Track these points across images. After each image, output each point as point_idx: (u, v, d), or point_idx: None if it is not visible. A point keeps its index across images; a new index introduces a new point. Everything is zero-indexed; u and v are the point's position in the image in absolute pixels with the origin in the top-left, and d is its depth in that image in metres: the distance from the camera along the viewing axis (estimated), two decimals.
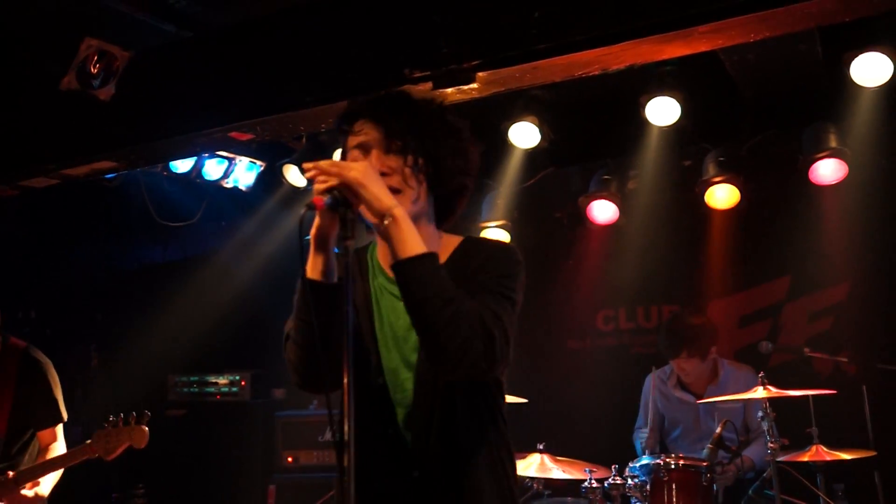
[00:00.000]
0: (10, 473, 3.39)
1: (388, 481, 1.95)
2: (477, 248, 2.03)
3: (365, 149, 1.94)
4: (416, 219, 1.92)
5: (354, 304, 2.02)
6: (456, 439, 1.93)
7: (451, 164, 1.97)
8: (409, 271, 1.79)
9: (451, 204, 2.07)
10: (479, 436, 1.96)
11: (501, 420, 2.04)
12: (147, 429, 3.52)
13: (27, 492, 3.43)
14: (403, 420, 1.96)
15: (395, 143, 1.92)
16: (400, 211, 1.79)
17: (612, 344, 5.75)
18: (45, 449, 3.64)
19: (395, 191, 1.88)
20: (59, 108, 3.72)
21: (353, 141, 1.97)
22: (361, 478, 1.98)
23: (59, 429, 3.70)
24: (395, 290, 1.93)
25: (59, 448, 3.62)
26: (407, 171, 1.92)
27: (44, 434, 3.66)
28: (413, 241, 1.79)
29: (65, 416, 3.70)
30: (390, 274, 1.95)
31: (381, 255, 2.07)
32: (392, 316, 2.01)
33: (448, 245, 2.05)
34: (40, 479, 3.48)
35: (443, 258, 1.98)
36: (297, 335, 1.90)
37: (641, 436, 4.78)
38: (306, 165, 1.79)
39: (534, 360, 5.48)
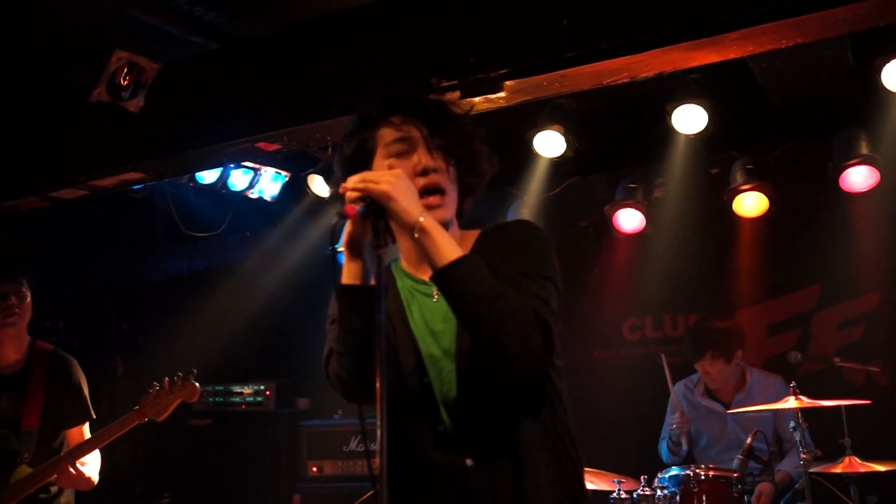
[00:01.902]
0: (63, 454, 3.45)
1: (441, 474, 1.92)
2: (498, 235, 2.02)
3: (409, 144, 1.93)
4: (452, 220, 1.98)
5: (388, 313, 2.02)
6: (506, 426, 1.89)
7: (481, 166, 2.01)
8: (450, 277, 1.78)
9: (463, 204, 2.08)
10: (534, 422, 1.91)
11: (560, 405, 1.97)
12: (198, 384, 3.55)
13: (82, 469, 3.46)
14: (451, 413, 1.93)
15: (437, 143, 1.94)
16: (429, 221, 1.78)
17: (639, 353, 5.68)
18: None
19: (440, 190, 1.91)
20: (88, 119, 3.76)
21: (389, 134, 1.95)
22: (415, 474, 1.96)
23: (87, 427, 3.75)
24: (425, 288, 1.99)
25: None
26: (451, 170, 1.95)
27: (73, 433, 3.71)
28: (448, 247, 1.78)
29: (93, 414, 3.75)
30: (416, 274, 2.02)
31: (405, 259, 2.08)
32: (427, 314, 2.00)
33: (468, 240, 2.04)
34: (88, 461, 3.52)
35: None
36: (342, 345, 1.86)
37: (668, 438, 4.72)
38: (350, 180, 1.79)
39: None
